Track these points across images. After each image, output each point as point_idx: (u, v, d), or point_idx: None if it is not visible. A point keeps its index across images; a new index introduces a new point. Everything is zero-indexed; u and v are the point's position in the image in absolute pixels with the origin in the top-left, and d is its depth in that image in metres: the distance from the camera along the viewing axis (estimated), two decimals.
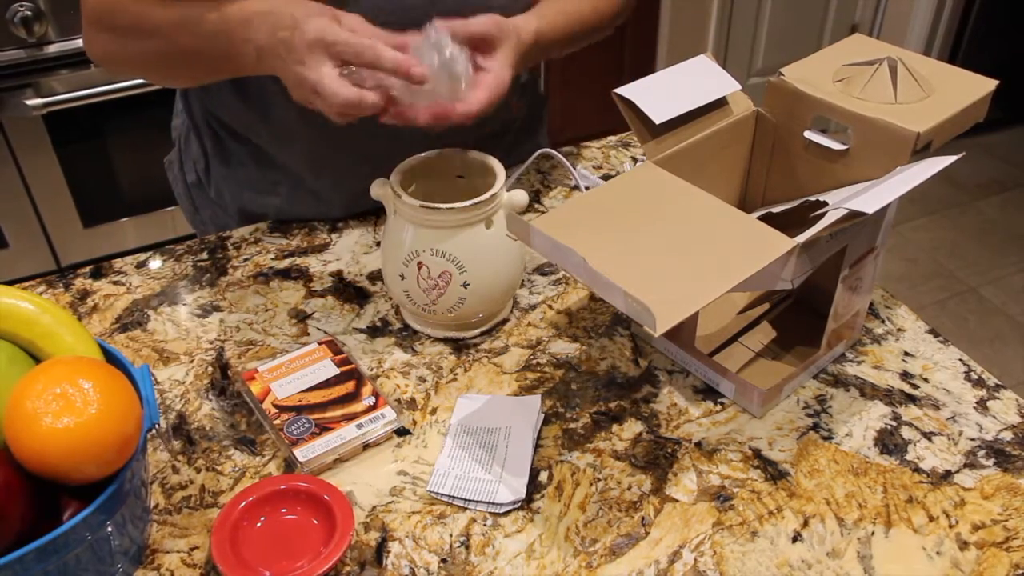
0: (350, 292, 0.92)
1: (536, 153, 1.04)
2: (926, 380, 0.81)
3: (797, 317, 0.86)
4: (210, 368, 0.83)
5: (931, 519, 0.68)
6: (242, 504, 0.67)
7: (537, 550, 0.67)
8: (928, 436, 0.75)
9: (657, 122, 0.73)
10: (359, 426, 0.74)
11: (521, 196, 0.81)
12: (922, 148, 0.70)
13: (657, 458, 0.74)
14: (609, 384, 0.81)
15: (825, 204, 0.69)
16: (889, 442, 0.75)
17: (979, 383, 0.81)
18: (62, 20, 1.76)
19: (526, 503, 0.70)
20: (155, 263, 0.97)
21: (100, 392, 0.57)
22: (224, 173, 1.02)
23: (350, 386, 0.78)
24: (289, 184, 0.99)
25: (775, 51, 2.77)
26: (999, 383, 0.81)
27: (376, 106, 0.71)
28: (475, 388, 0.80)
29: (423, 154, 0.84)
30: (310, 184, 0.98)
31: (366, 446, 0.74)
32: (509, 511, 0.69)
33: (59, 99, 1.80)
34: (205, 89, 0.97)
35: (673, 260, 0.63)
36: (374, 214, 1.03)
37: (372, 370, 0.82)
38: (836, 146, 0.76)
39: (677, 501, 0.70)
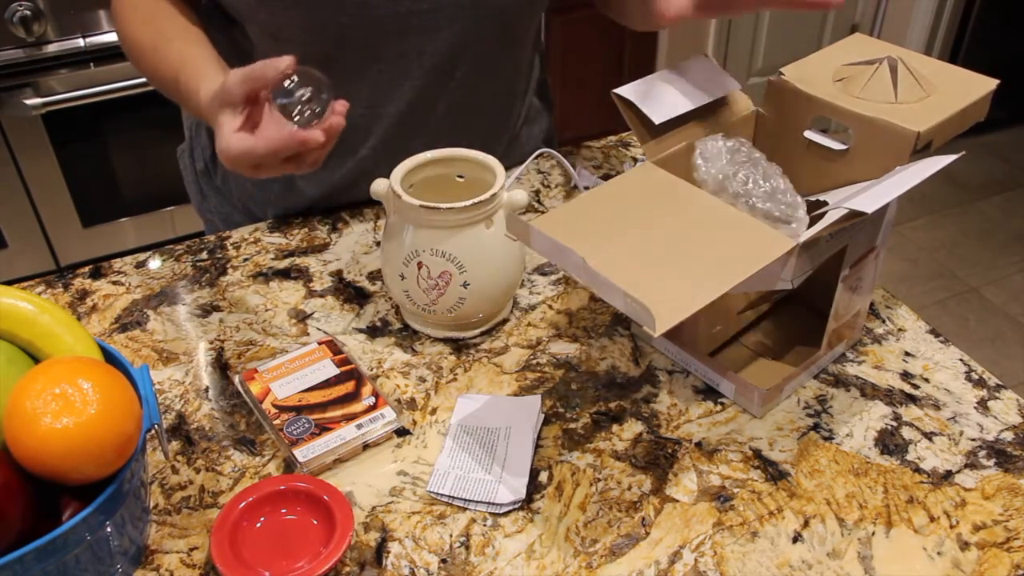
0: (350, 292, 0.92)
1: (536, 153, 1.04)
2: (927, 380, 0.81)
3: (797, 317, 0.86)
4: (209, 368, 0.83)
5: (932, 519, 0.68)
6: (242, 504, 0.67)
7: (537, 550, 0.66)
8: (929, 436, 0.75)
9: (657, 122, 0.73)
10: (359, 426, 0.74)
11: (521, 196, 0.81)
12: (922, 148, 0.70)
13: (657, 458, 0.74)
14: (609, 384, 0.81)
15: (825, 204, 0.69)
16: (890, 442, 0.75)
17: (980, 383, 0.80)
18: (61, 20, 1.76)
19: (526, 503, 0.70)
20: (154, 263, 0.97)
21: (99, 392, 0.57)
22: None
23: (350, 386, 0.78)
24: None
25: (775, 51, 2.77)
26: (1000, 383, 0.80)
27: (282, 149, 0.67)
28: (475, 388, 0.80)
29: (423, 154, 0.83)
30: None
31: (366, 446, 0.74)
32: (509, 511, 0.69)
33: (58, 99, 1.80)
34: None
35: (673, 260, 0.63)
36: (374, 212, 1.03)
37: (372, 370, 0.82)
38: (836, 146, 0.76)
39: (677, 501, 0.70)
